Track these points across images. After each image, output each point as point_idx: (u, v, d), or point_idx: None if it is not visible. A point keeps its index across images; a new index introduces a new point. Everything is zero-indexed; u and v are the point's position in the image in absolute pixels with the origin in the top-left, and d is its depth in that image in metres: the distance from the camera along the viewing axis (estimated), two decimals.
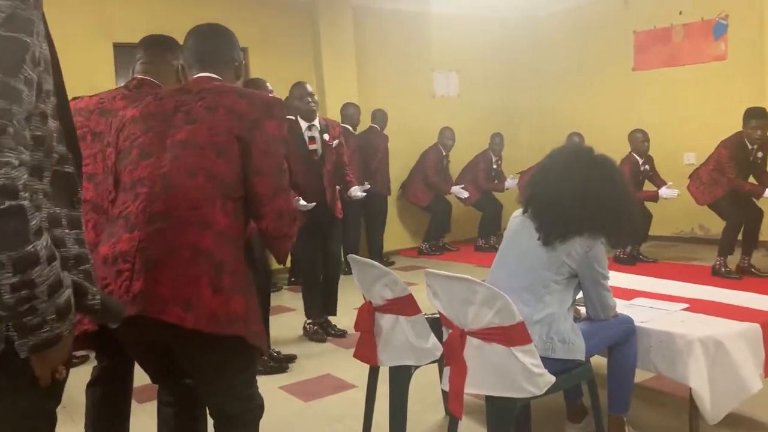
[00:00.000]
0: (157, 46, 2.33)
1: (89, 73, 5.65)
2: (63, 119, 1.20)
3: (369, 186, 4.62)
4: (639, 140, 6.01)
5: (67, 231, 1.18)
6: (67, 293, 1.08)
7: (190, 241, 1.61)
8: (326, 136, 4.18)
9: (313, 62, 6.97)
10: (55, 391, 1.19)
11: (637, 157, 6.01)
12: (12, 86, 1.01)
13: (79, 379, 3.91)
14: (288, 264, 6.11)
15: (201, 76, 1.86)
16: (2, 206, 0.97)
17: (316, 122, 4.18)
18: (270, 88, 3.68)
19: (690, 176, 5.71)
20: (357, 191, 4.47)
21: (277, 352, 3.86)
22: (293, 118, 4.34)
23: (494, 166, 7.53)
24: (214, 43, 1.91)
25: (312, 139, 4.14)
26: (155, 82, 2.27)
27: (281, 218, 1.75)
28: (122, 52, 5.99)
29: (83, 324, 1.68)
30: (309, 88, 4.19)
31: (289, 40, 6.79)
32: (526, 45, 8.45)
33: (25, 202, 1.00)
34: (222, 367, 1.70)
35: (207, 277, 1.60)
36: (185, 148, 1.68)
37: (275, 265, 5.15)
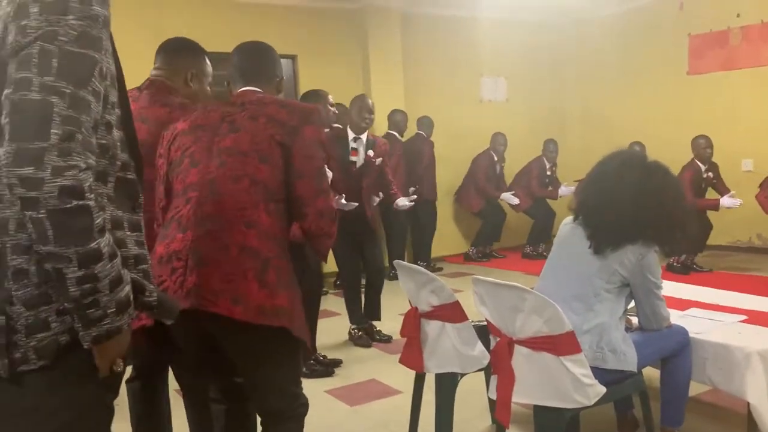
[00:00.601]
0: (170, 51, 2.42)
1: (143, 79, 5.81)
2: (126, 129, 1.29)
3: (415, 195, 4.62)
4: (701, 146, 5.84)
5: (128, 233, 1.27)
6: (127, 289, 1.16)
7: (236, 239, 1.73)
8: (371, 152, 4.24)
9: (361, 69, 7.02)
10: (113, 383, 1.26)
11: (700, 164, 5.84)
12: (81, 97, 1.10)
13: (127, 375, 4.01)
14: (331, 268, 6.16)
15: (245, 90, 1.99)
16: (69, 205, 1.05)
17: (363, 136, 4.24)
18: (331, 100, 3.73)
19: (760, 185, 5.52)
20: (404, 201, 4.47)
21: (323, 356, 3.89)
22: (340, 126, 4.39)
23: (548, 173, 7.38)
24: (257, 59, 2.05)
25: (354, 150, 4.21)
26: (166, 83, 2.34)
27: (322, 217, 1.85)
28: None
29: (141, 319, 1.76)
30: (370, 103, 4.23)
31: (338, 47, 6.85)
32: (575, 49, 8.32)
33: (91, 202, 1.08)
34: (267, 357, 1.80)
35: (253, 272, 1.72)
36: (230, 155, 1.81)
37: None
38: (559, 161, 7.56)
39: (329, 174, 2.17)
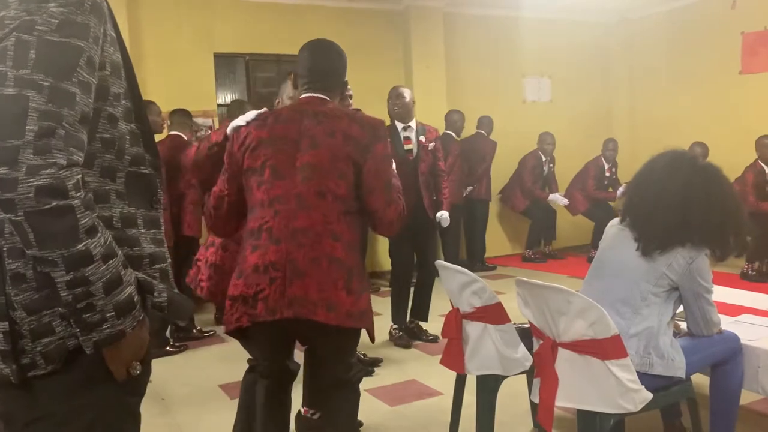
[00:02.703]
0: None
1: (192, 81, 5.95)
2: (139, 122, 1.24)
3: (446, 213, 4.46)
4: (766, 146, 5.66)
5: (143, 231, 1.21)
6: (129, 290, 1.09)
7: (326, 251, 1.93)
8: (422, 138, 4.28)
9: (404, 69, 7.02)
10: (134, 387, 1.19)
11: (764, 165, 5.65)
12: (63, 89, 1.03)
13: (170, 371, 4.10)
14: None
15: (313, 97, 2.10)
16: (49, 206, 0.99)
17: (412, 123, 4.27)
18: (349, 90, 3.79)
19: None
20: (444, 219, 4.32)
21: (363, 355, 3.90)
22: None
23: (607, 174, 7.15)
24: (328, 62, 2.14)
25: (407, 139, 4.24)
26: None
27: (392, 225, 2.06)
28: (222, 61, 6.28)
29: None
30: (399, 91, 4.28)
31: (381, 47, 6.87)
32: (621, 49, 8.15)
33: (75, 202, 1.01)
34: (344, 347, 2.10)
35: (342, 281, 1.93)
36: (313, 171, 1.96)
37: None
38: None
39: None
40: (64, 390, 1.11)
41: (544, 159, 7.16)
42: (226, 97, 6.39)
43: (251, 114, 2.10)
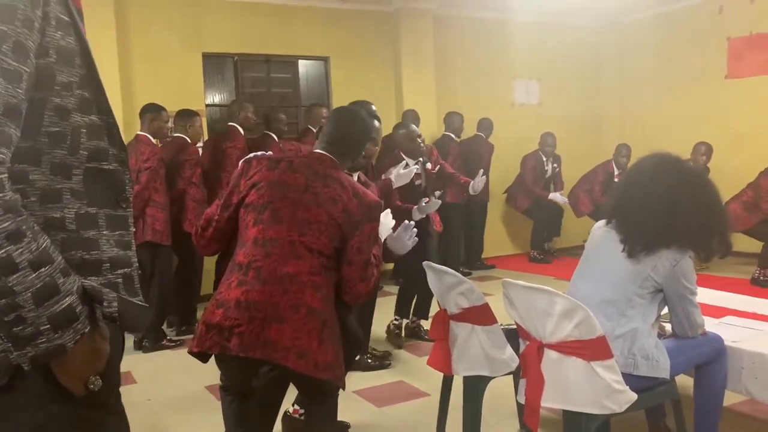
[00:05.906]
0: None
1: (181, 81, 5.92)
2: (102, 114, 1.14)
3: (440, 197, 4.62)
4: None
5: (105, 232, 1.12)
6: (68, 301, 0.98)
7: (306, 300, 2.02)
8: (428, 165, 4.40)
9: (393, 71, 7.03)
10: (101, 400, 1.09)
11: None
12: None
13: (156, 372, 4.08)
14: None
15: (326, 157, 2.22)
16: None
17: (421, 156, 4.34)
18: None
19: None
20: (480, 183, 4.71)
21: (373, 349, 3.97)
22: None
23: (616, 180, 7.03)
24: (347, 132, 2.29)
25: (418, 175, 4.29)
26: None
27: (358, 297, 2.19)
28: (210, 61, 6.25)
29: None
30: (417, 133, 4.28)
31: (370, 49, 6.87)
32: (610, 52, 8.21)
33: None
34: (317, 386, 2.16)
35: (315, 331, 2.01)
36: (310, 228, 2.08)
37: None
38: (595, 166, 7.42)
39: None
40: (19, 407, 1.03)
41: (545, 159, 7.19)
42: (215, 98, 6.37)
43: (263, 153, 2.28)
